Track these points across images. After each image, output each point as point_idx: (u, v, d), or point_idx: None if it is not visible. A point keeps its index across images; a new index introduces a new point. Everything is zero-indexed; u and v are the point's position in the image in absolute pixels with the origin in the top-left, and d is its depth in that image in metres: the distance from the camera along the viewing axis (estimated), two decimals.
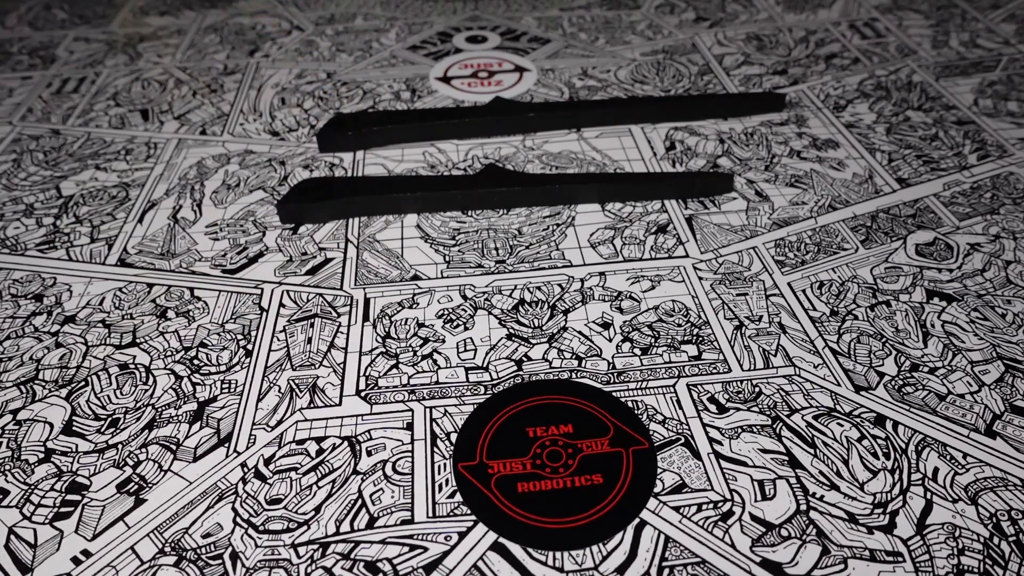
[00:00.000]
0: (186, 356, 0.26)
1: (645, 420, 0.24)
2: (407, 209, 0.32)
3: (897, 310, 0.27)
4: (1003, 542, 0.20)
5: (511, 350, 0.26)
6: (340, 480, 0.22)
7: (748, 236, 0.31)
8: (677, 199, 0.33)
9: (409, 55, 0.45)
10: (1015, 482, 0.22)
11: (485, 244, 0.31)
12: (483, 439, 0.23)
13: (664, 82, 0.42)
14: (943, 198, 0.33)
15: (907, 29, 0.47)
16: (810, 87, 0.41)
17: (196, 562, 0.20)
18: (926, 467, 0.22)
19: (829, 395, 0.24)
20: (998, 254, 0.30)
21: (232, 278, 0.29)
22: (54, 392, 0.25)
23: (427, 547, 0.20)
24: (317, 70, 0.43)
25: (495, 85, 0.42)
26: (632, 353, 0.26)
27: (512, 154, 0.36)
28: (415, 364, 0.26)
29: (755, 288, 0.28)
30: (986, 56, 0.44)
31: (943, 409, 0.24)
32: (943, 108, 0.39)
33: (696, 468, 0.22)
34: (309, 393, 0.25)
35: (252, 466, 0.23)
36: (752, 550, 0.20)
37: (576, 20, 0.49)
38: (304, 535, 0.21)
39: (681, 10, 0.50)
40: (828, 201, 0.33)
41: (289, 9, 0.50)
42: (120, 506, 0.22)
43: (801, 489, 0.22)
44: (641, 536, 0.21)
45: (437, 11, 0.50)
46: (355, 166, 0.35)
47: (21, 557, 0.20)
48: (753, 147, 0.36)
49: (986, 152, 0.36)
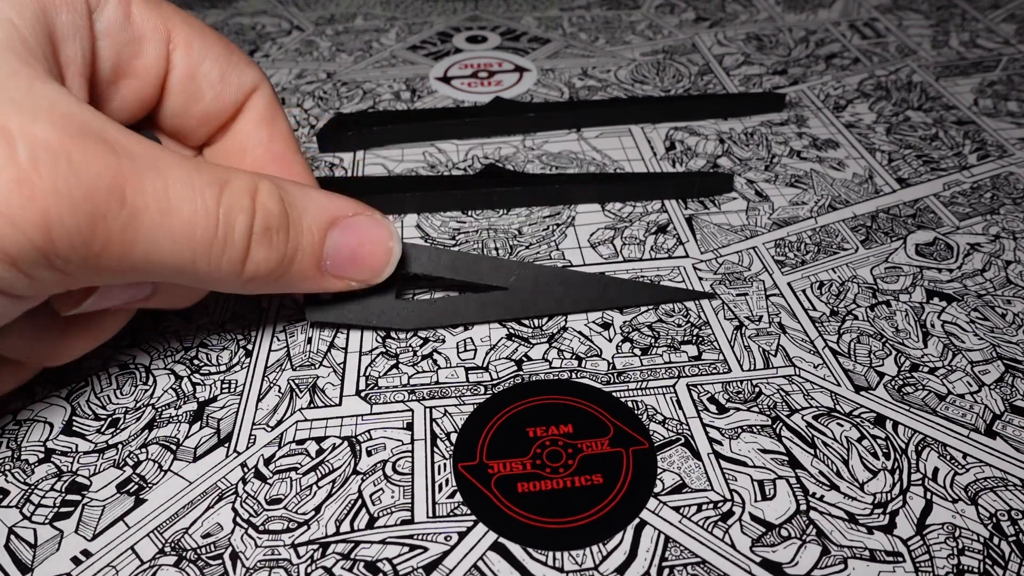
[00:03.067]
0: (186, 356, 0.26)
1: (645, 420, 0.24)
2: (407, 209, 0.32)
3: (897, 310, 0.28)
4: (1003, 542, 0.20)
5: (511, 350, 0.26)
6: (340, 480, 0.22)
7: (748, 236, 0.31)
8: (677, 199, 0.33)
9: (409, 55, 0.45)
10: (1015, 482, 0.22)
11: (485, 244, 0.31)
12: (483, 439, 0.23)
13: (664, 82, 0.42)
14: (943, 198, 0.33)
15: (907, 29, 0.47)
16: (810, 87, 0.41)
17: (196, 562, 0.20)
18: (926, 467, 0.22)
19: (829, 395, 0.24)
20: (998, 254, 0.30)
21: None
22: (54, 392, 0.25)
23: (427, 547, 0.20)
24: (317, 70, 0.43)
25: (495, 85, 0.42)
26: (632, 353, 0.26)
27: (512, 154, 0.36)
28: (415, 364, 0.26)
29: (755, 288, 0.28)
30: (986, 56, 0.44)
31: (943, 409, 0.24)
32: (943, 108, 0.39)
33: (696, 468, 0.22)
34: (309, 393, 0.25)
35: (252, 466, 0.23)
36: (752, 550, 0.20)
37: (576, 20, 0.49)
38: (304, 535, 0.21)
39: (681, 10, 0.50)
40: (828, 201, 0.33)
41: (289, 9, 0.50)
42: (120, 506, 0.22)
43: (801, 489, 0.22)
44: (641, 536, 0.21)
45: (437, 11, 0.50)
46: (355, 166, 0.35)
47: (21, 557, 0.20)
48: (753, 147, 0.36)
49: (986, 152, 0.36)
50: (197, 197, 0.19)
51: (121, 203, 0.17)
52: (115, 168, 0.17)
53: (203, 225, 0.19)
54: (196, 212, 0.19)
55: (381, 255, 0.24)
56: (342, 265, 0.23)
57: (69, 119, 0.17)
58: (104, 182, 0.17)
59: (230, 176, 0.20)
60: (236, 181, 0.20)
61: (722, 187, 0.33)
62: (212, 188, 0.19)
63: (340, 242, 0.22)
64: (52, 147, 0.16)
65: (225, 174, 0.20)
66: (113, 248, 0.17)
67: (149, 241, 0.18)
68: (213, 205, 0.19)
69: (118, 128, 0.18)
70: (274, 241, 0.21)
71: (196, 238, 0.19)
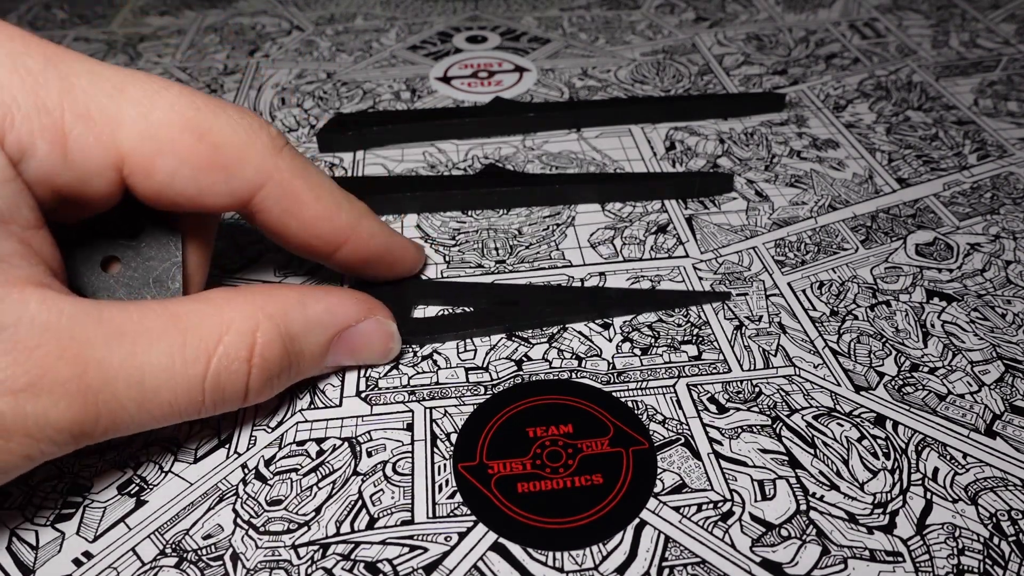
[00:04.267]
0: None
1: (645, 420, 0.24)
2: (407, 209, 0.32)
3: (897, 310, 0.28)
4: (1003, 542, 0.20)
5: (511, 350, 0.26)
6: (340, 481, 0.22)
7: (748, 236, 0.31)
8: (677, 199, 0.33)
9: (409, 55, 0.45)
10: (1015, 482, 0.22)
11: (485, 244, 0.31)
12: (483, 439, 0.23)
13: (664, 82, 0.42)
14: (943, 198, 0.33)
15: (907, 29, 0.47)
16: (810, 87, 0.41)
17: (197, 563, 0.20)
18: (926, 467, 0.22)
19: (829, 395, 0.24)
20: (998, 254, 0.30)
21: (232, 277, 0.29)
22: None
23: (427, 548, 0.20)
24: (317, 70, 0.43)
25: (495, 85, 0.42)
26: (632, 353, 0.26)
27: (512, 154, 0.36)
28: (415, 365, 0.26)
29: (755, 288, 0.28)
30: (986, 56, 0.44)
31: (943, 409, 0.24)
32: (943, 108, 0.39)
33: (696, 468, 0.22)
34: (309, 394, 0.25)
35: (252, 467, 0.23)
36: (752, 550, 0.20)
37: (576, 20, 0.49)
38: (304, 536, 0.21)
39: (681, 10, 0.50)
40: (828, 201, 0.33)
41: (289, 9, 0.50)
42: (121, 507, 0.22)
43: (801, 489, 0.22)
44: (641, 536, 0.21)
45: (437, 11, 0.50)
46: (355, 166, 0.35)
47: (23, 559, 0.20)
48: (753, 147, 0.36)
49: (986, 152, 0.36)
50: (178, 380, 0.18)
51: (96, 421, 0.18)
52: (82, 402, 0.17)
53: (186, 403, 0.19)
54: (176, 396, 0.19)
55: (379, 355, 0.25)
56: (340, 360, 0.24)
57: (31, 352, 0.17)
58: (75, 415, 0.17)
59: (222, 335, 0.19)
60: (229, 339, 0.19)
61: (722, 187, 0.33)
62: (197, 365, 0.19)
63: (341, 349, 0.23)
64: (18, 388, 0.16)
65: (215, 333, 0.19)
66: (99, 438, 0.18)
67: (134, 426, 0.19)
68: (197, 384, 0.19)
69: (85, 318, 0.17)
70: (275, 385, 0.21)
71: (181, 412, 0.19)
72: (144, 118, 0.19)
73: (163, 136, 0.19)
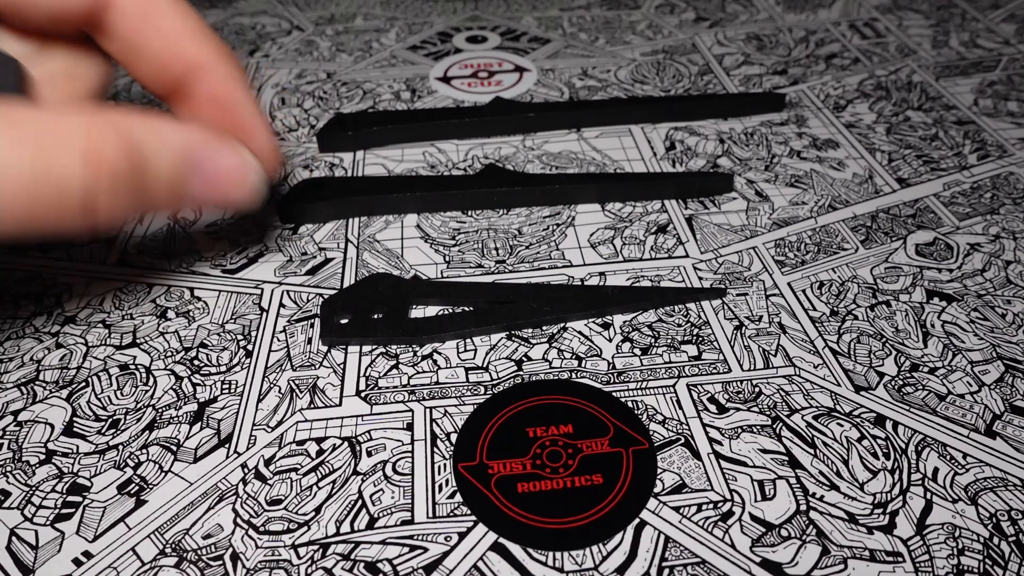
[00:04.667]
0: (186, 356, 0.26)
1: (645, 420, 0.24)
2: (407, 209, 0.32)
3: (897, 310, 0.28)
4: (1003, 542, 0.20)
5: (511, 350, 0.26)
6: (340, 481, 0.22)
7: (748, 236, 0.31)
8: (677, 199, 0.33)
9: (409, 55, 0.45)
10: (1015, 482, 0.22)
11: (485, 244, 0.31)
12: (483, 439, 0.23)
13: (664, 82, 0.42)
14: (943, 198, 0.33)
15: (907, 29, 0.47)
16: (810, 87, 0.41)
17: (197, 563, 0.20)
18: (926, 467, 0.22)
19: (829, 395, 0.24)
20: (998, 254, 0.30)
21: (232, 278, 0.29)
22: (55, 393, 0.25)
23: (427, 547, 0.20)
24: (317, 70, 0.43)
25: (495, 85, 0.42)
26: (632, 353, 0.26)
27: (512, 154, 0.36)
28: (415, 365, 0.26)
29: (755, 288, 0.28)
30: (986, 56, 0.44)
31: (943, 409, 0.24)
32: (943, 108, 0.39)
33: (696, 468, 0.22)
34: (309, 394, 0.25)
35: (252, 467, 0.23)
36: (752, 550, 0.20)
37: (576, 20, 0.49)
38: (304, 536, 0.21)
39: (681, 10, 0.50)
40: (828, 201, 0.33)
41: (289, 9, 0.50)
42: (121, 507, 0.22)
43: (801, 489, 0.22)
44: (641, 536, 0.21)
45: (437, 11, 0.50)
46: (355, 166, 0.35)
47: (23, 559, 0.20)
48: (753, 147, 0.36)
49: (986, 152, 0.36)
50: (8, 170, 0.17)
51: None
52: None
53: (15, 195, 0.17)
54: (20, 175, 0.17)
55: (240, 188, 0.23)
56: (201, 193, 0.22)
57: None
58: None
59: (55, 128, 0.18)
60: (60, 130, 0.18)
61: (722, 187, 0.33)
62: (24, 150, 0.17)
63: (198, 181, 0.22)
64: None
65: (48, 126, 0.18)
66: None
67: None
68: (27, 175, 0.17)
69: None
70: (119, 196, 0.19)
71: (16, 208, 0.17)
72: None
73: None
